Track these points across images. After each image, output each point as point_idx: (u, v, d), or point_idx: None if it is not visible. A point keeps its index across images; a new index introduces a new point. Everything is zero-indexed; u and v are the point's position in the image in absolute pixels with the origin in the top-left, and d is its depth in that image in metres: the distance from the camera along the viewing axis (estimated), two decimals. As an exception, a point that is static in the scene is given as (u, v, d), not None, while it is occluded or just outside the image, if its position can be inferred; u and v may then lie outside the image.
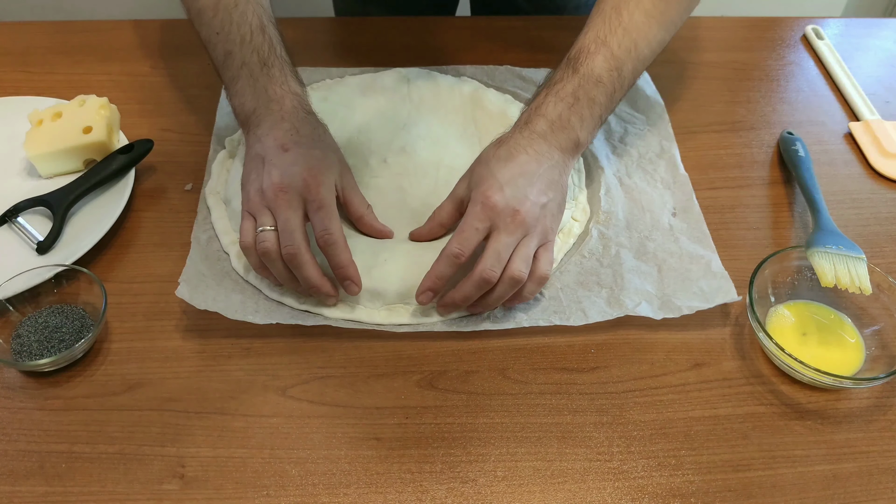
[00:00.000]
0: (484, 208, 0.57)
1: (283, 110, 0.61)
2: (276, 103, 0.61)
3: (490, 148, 0.62)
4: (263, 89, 0.62)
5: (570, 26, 0.92)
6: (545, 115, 0.61)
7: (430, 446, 0.53)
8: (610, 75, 0.61)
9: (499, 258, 0.56)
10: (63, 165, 0.69)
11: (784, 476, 0.52)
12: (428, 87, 0.78)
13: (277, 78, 0.63)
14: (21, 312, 0.58)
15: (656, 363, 0.58)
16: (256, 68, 0.62)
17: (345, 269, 0.58)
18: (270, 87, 0.62)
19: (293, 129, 0.60)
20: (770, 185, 0.73)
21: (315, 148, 0.60)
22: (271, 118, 0.61)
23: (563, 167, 0.61)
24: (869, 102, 0.82)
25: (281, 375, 0.56)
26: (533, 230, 0.58)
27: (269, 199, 0.57)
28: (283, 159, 0.58)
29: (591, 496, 0.50)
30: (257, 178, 0.59)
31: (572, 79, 0.62)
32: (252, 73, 0.62)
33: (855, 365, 0.57)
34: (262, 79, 0.62)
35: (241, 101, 0.63)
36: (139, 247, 0.65)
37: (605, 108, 0.62)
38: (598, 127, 0.64)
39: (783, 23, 0.95)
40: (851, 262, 0.58)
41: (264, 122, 0.61)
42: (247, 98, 0.62)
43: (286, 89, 0.62)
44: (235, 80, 0.63)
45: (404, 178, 0.68)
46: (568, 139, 0.61)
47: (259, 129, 0.61)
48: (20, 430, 0.53)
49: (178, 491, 0.50)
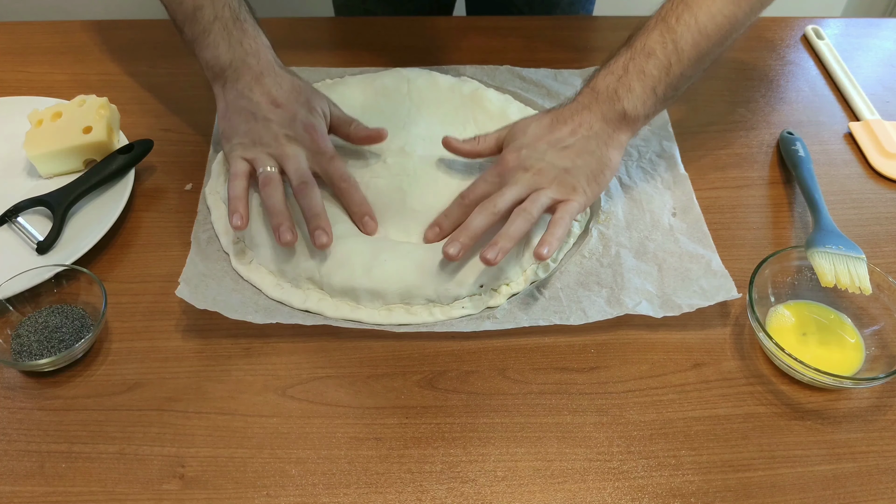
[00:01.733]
0: (497, 166, 0.63)
1: (260, 64, 0.64)
2: (253, 56, 0.64)
3: (540, 113, 0.65)
4: (238, 42, 0.64)
5: (570, 26, 0.92)
6: (594, 87, 0.63)
7: (430, 446, 0.53)
8: (664, 48, 0.61)
9: (493, 200, 0.60)
10: (63, 165, 0.69)
11: (784, 476, 0.52)
12: (428, 88, 0.78)
13: (251, 32, 0.65)
14: (21, 312, 0.58)
15: (656, 363, 0.58)
16: (230, 22, 0.64)
17: (363, 206, 0.63)
18: (245, 40, 0.64)
19: (277, 84, 0.63)
20: (770, 185, 0.73)
21: (304, 101, 0.64)
22: (250, 72, 0.63)
23: (606, 138, 0.63)
24: (869, 102, 0.82)
25: (281, 375, 0.56)
26: (548, 185, 0.60)
27: (272, 147, 0.62)
28: (279, 114, 0.62)
29: (591, 496, 0.50)
30: (251, 130, 0.62)
31: (625, 53, 0.63)
32: (226, 27, 0.64)
33: (855, 365, 0.57)
34: (237, 32, 0.64)
35: (214, 54, 0.64)
36: (139, 247, 0.65)
37: (659, 81, 0.62)
38: (655, 101, 0.63)
39: (783, 23, 0.95)
40: (851, 262, 0.58)
41: (244, 76, 0.63)
42: (221, 50, 0.64)
43: (260, 42, 0.65)
44: (207, 33, 0.64)
45: (404, 179, 0.68)
46: (612, 110, 0.62)
47: (239, 84, 0.63)
48: (20, 430, 0.53)
49: (178, 491, 0.50)
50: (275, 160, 0.63)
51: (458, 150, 0.67)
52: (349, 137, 0.68)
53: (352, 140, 0.68)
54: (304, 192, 0.61)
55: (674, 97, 0.64)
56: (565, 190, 0.61)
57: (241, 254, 0.63)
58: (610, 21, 0.94)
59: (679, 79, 0.62)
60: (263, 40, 0.66)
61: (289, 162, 0.62)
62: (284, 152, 0.62)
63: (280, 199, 0.60)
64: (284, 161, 0.62)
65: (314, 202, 0.61)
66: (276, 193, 0.61)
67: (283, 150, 0.62)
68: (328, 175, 0.64)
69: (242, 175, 0.62)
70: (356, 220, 0.64)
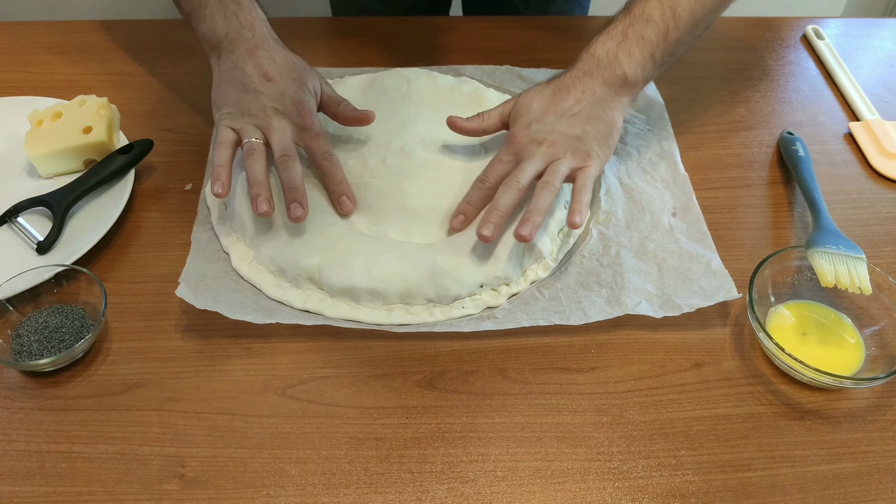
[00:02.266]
0: (509, 145, 0.64)
1: (255, 37, 0.64)
2: (248, 29, 0.64)
3: (539, 86, 0.66)
4: (234, 15, 0.64)
5: (570, 26, 0.92)
6: (594, 53, 0.64)
7: (430, 446, 0.53)
8: (662, 15, 0.63)
9: (514, 177, 0.61)
10: (63, 165, 0.69)
11: (784, 476, 0.52)
12: (428, 88, 0.78)
13: (246, 5, 0.65)
14: (21, 312, 0.58)
15: (656, 363, 0.58)
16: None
17: (342, 185, 0.64)
18: (241, 13, 0.65)
19: (270, 58, 0.63)
20: (770, 185, 0.73)
21: (296, 76, 0.64)
22: (245, 45, 0.64)
23: (610, 101, 0.64)
24: (869, 102, 0.82)
25: (281, 375, 0.56)
26: (564, 154, 0.61)
27: (259, 119, 0.62)
28: (270, 88, 0.63)
29: (591, 496, 0.50)
30: (241, 101, 0.63)
31: (624, 19, 0.64)
32: (222, 1, 0.64)
33: (855, 365, 0.57)
34: (233, 5, 0.65)
35: (210, 27, 0.65)
36: (139, 247, 0.65)
37: (657, 46, 0.64)
38: (653, 65, 0.65)
39: (783, 23, 0.95)
40: (851, 262, 0.58)
41: (238, 48, 0.63)
42: (217, 23, 0.64)
43: (255, 15, 0.65)
44: (203, 5, 0.65)
45: (404, 179, 0.68)
46: (613, 74, 0.63)
47: (234, 55, 0.64)
48: (20, 430, 0.53)
49: (178, 491, 0.50)
50: (261, 132, 0.63)
51: (462, 128, 0.68)
52: (337, 117, 0.69)
53: (339, 120, 0.69)
54: (284, 165, 0.62)
55: (669, 63, 0.66)
56: (580, 157, 0.62)
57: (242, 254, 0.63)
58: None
59: (675, 45, 0.64)
60: (259, 13, 0.67)
61: (274, 134, 0.63)
62: (270, 124, 0.63)
63: (261, 170, 0.61)
64: (270, 133, 0.63)
65: (293, 175, 0.61)
66: (258, 164, 0.61)
67: (269, 123, 0.63)
68: (311, 151, 0.65)
69: (228, 144, 0.62)
70: (334, 200, 0.65)
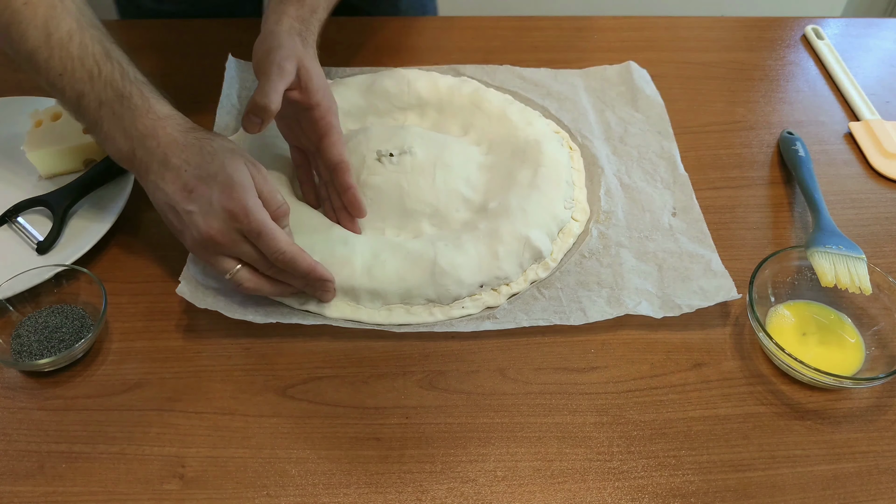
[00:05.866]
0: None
1: (160, 146, 0.55)
2: (151, 139, 0.55)
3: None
4: (132, 126, 0.55)
5: (570, 26, 0.92)
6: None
7: (430, 446, 0.53)
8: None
9: None
10: (63, 165, 0.69)
11: (784, 476, 0.52)
12: (428, 88, 0.77)
13: (141, 108, 0.56)
14: (21, 312, 0.58)
15: (656, 363, 0.58)
16: (116, 104, 0.55)
17: (314, 272, 0.56)
18: (138, 121, 0.55)
19: (184, 164, 0.54)
20: (770, 185, 0.73)
21: (215, 173, 0.54)
22: (154, 160, 0.55)
23: None
24: (869, 102, 0.82)
25: (281, 375, 0.56)
26: None
27: (211, 248, 0.54)
28: (194, 203, 0.54)
29: (591, 496, 0.50)
30: (184, 231, 0.55)
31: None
32: (114, 112, 0.55)
33: (855, 365, 0.57)
34: (126, 115, 0.55)
35: (115, 147, 0.56)
36: (139, 247, 0.65)
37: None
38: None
39: (783, 23, 0.95)
40: (851, 262, 0.59)
41: (151, 168, 0.55)
42: (119, 141, 0.56)
43: (153, 118, 0.56)
44: (99, 123, 0.56)
45: (403, 178, 0.68)
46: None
47: (150, 176, 0.55)
48: (20, 430, 0.53)
49: (178, 491, 0.50)
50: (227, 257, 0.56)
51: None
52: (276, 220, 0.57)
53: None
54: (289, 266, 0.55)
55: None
56: None
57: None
58: (610, 21, 0.94)
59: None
60: (159, 109, 0.56)
61: (238, 256, 0.55)
62: (225, 248, 0.55)
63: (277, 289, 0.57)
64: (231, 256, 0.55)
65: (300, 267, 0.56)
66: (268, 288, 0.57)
67: (223, 249, 0.55)
68: (265, 254, 0.55)
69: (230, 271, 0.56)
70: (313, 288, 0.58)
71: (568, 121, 0.77)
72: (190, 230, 0.54)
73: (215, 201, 0.53)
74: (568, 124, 0.76)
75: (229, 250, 0.55)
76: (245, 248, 0.55)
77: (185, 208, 0.54)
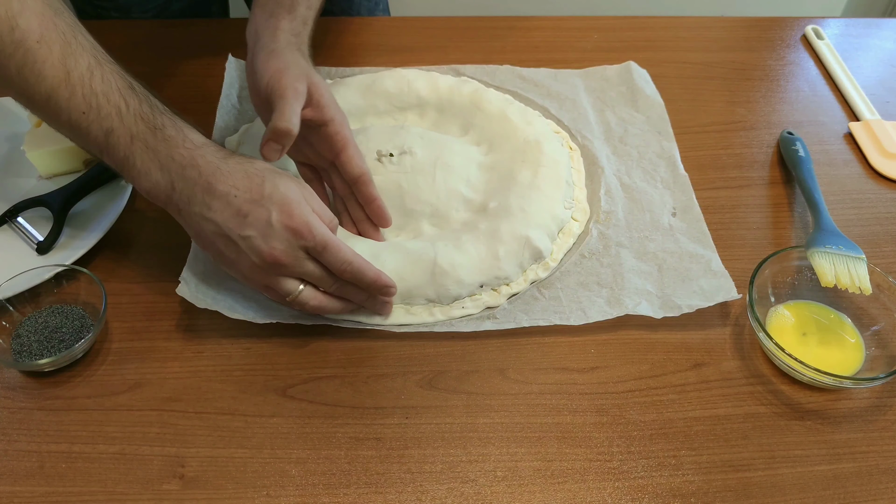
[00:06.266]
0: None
1: (203, 175, 0.53)
2: (192, 168, 0.53)
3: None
4: (169, 157, 0.53)
5: (570, 26, 0.92)
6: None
7: (430, 446, 0.53)
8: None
9: None
10: (63, 165, 0.69)
11: (784, 476, 0.52)
12: (428, 88, 0.77)
13: (175, 138, 0.54)
14: (21, 312, 0.58)
15: (656, 363, 0.58)
16: (149, 137, 0.53)
17: (379, 279, 0.56)
18: (174, 152, 0.53)
19: (231, 189, 0.53)
20: (770, 185, 0.73)
21: (270, 194, 0.53)
22: (197, 190, 0.53)
23: None
24: (869, 102, 0.82)
25: (281, 375, 0.56)
26: None
27: (274, 270, 0.54)
28: (251, 227, 0.52)
29: (591, 496, 0.50)
30: (240, 258, 0.54)
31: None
32: (147, 145, 0.53)
33: (855, 365, 0.57)
34: (161, 147, 0.53)
35: (151, 182, 0.54)
36: (139, 247, 0.65)
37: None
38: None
39: (783, 23, 0.95)
40: (851, 262, 0.59)
41: (194, 199, 0.53)
42: (155, 175, 0.53)
43: (190, 147, 0.54)
44: (130, 159, 0.53)
45: (403, 178, 0.68)
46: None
47: (195, 208, 0.53)
48: (20, 430, 0.53)
49: (178, 491, 0.50)
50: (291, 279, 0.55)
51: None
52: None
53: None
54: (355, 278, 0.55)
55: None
56: None
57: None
58: (610, 21, 0.94)
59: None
60: (194, 138, 0.54)
61: (304, 275, 0.55)
62: (291, 268, 0.54)
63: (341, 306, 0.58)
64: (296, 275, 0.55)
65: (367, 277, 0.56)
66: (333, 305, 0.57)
67: (289, 269, 0.54)
68: (328, 267, 0.55)
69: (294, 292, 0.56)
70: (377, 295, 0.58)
71: (568, 121, 0.77)
72: (248, 256, 0.53)
73: (275, 222, 0.52)
74: (568, 124, 0.77)
75: (292, 270, 0.54)
76: (309, 266, 0.54)
77: (242, 234, 0.53)
